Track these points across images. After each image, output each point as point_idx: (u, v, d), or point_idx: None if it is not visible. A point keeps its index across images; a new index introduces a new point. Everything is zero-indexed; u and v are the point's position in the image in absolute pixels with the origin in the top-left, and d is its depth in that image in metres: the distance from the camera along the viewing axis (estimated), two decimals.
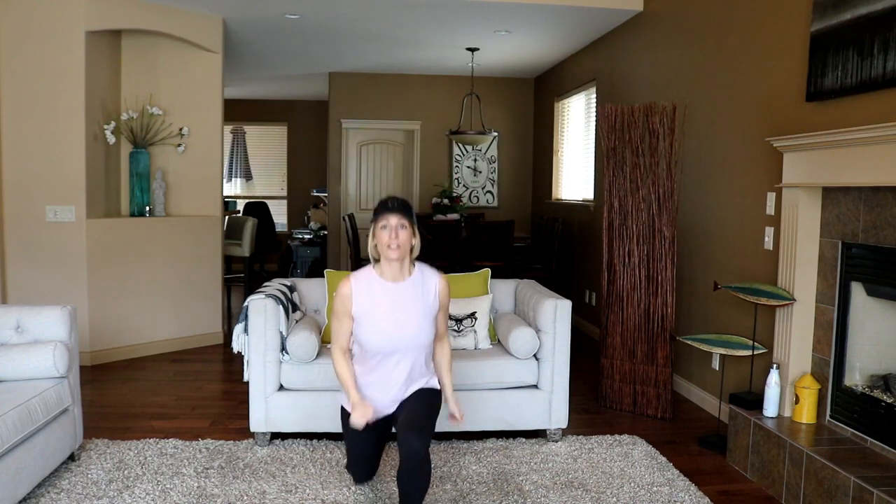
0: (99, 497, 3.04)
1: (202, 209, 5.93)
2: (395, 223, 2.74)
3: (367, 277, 2.86)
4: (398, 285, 2.84)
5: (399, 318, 2.81)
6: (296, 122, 10.94)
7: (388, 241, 2.74)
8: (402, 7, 5.52)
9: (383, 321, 2.80)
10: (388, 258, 2.78)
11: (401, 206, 2.78)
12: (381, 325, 2.81)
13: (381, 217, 2.76)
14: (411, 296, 2.84)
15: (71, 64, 5.02)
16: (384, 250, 2.77)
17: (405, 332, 2.81)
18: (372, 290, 2.83)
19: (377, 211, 2.79)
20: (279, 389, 3.66)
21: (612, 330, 4.46)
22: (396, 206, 2.77)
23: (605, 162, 4.47)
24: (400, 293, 2.83)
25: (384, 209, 2.77)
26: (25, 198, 5.04)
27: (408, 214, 2.78)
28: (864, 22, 3.04)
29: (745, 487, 3.35)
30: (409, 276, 2.86)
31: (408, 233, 2.77)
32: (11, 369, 3.08)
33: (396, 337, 2.81)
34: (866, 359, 3.25)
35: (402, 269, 2.84)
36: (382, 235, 2.76)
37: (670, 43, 5.00)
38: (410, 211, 2.81)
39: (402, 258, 2.80)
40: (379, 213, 2.78)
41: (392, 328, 2.80)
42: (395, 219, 2.74)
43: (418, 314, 2.83)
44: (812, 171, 3.30)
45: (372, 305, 2.82)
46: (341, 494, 3.12)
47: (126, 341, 5.45)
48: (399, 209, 2.76)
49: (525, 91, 8.83)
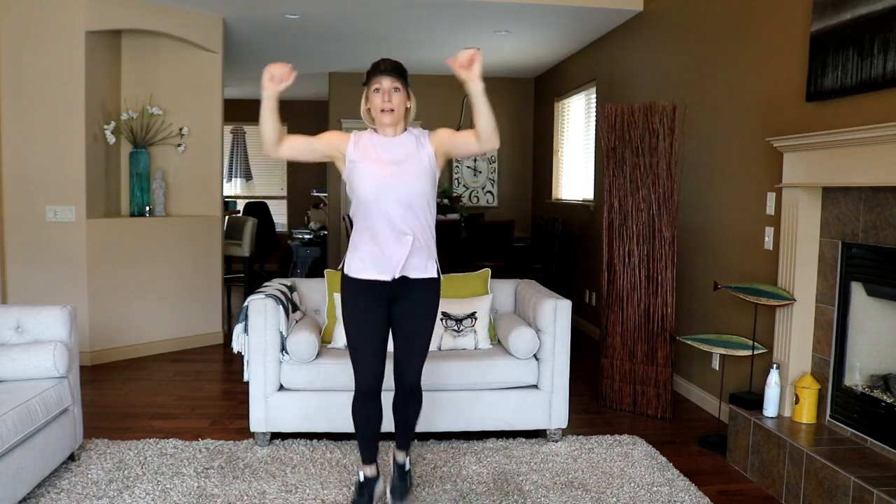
0: (99, 497, 3.04)
1: (202, 209, 5.93)
2: (388, 86, 2.62)
3: (365, 135, 2.75)
4: (393, 138, 2.71)
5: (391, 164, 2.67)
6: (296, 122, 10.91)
7: (381, 104, 2.62)
8: (402, 7, 5.52)
9: (377, 168, 2.66)
10: (381, 123, 2.67)
11: (394, 67, 2.63)
12: (375, 171, 2.66)
13: (374, 80, 2.62)
14: (405, 148, 2.70)
15: (71, 64, 5.03)
16: (377, 115, 2.65)
17: (400, 178, 2.64)
18: (368, 142, 2.72)
19: (369, 73, 2.64)
20: (279, 389, 3.66)
21: (612, 330, 4.46)
22: (389, 68, 2.62)
23: (605, 162, 4.47)
24: (392, 144, 2.71)
25: (376, 71, 2.62)
26: (25, 198, 5.04)
27: (402, 76, 2.64)
28: (864, 22, 3.04)
29: (745, 487, 3.35)
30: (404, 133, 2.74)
31: (402, 95, 2.65)
32: (11, 369, 3.08)
33: (389, 180, 2.64)
34: (866, 359, 3.25)
35: (396, 131, 2.72)
36: (375, 99, 2.63)
37: (670, 43, 5.00)
38: (405, 72, 2.67)
39: (396, 123, 2.68)
40: (371, 76, 2.63)
41: (386, 172, 2.65)
42: (388, 81, 2.61)
43: (413, 164, 2.68)
44: (812, 171, 3.30)
45: (366, 153, 2.69)
46: (341, 494, 3.12)
47: (126, 341, 5.45)
48: (392, 71, 2.62)
49: (525, 91, 8.83)
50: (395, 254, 2.67)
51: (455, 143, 2.73)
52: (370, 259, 2.70)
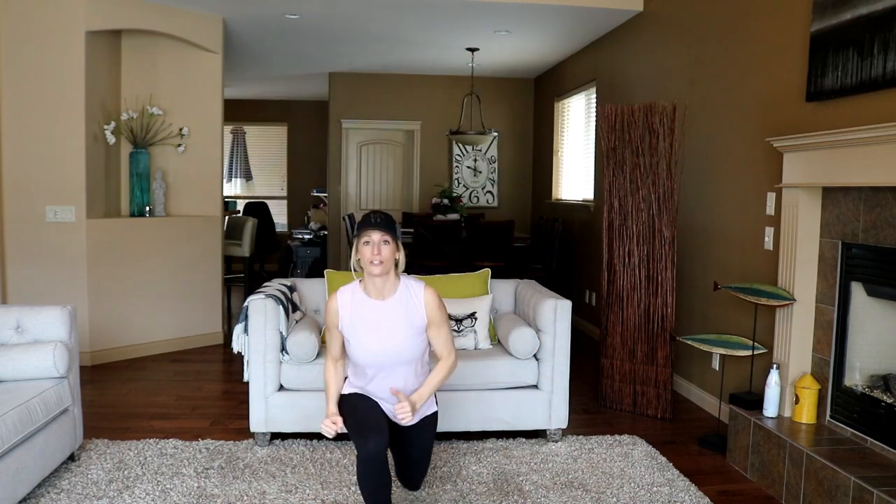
0: (99, 497, 3.04)
1: (202, 209, 5.93)
2: (378, 239, 2.70)
3: (353, 294, 2.83)
4: (382, 304, 2.79)
5: (382, 336, 2.77)
6: (296, 122, 10.95)
7: (370, 257, 2.70)
8: (402, 7, 5.52)
9: (366, 340, 2.78)
10: (371, 274, 2.74)
11: (384, 221, 2.74)
12: (365, 344, 2.78)
13: (364, 233, 2.72)
14: (395, 314, 2.79)
15: (71, 64, 5.03)
16: (367, 266, 2.73)
17: (388, 351, 2.77)
18: (356, 308, 2.80)
19: (360, 226, 2.75)
20: (279, 389, 3.66)
21: (612, 330, 4.46)
22: (379, 222, 2.72)
23: (605, 162, 4.47)
24: (383, 311, 2.79)
25: (367, 225, 2.73)
26: (25, 198, 5.04)
27: (391, 230, 2.73)
28: (864, 22, 3.04)
29: (745, 487, 3.35)
30: (393, 294, 2.81)
31: (391, 248, 2.73)
32: (11, 369, 3.08)
33: (380, 354, 2.78)
34: (866, 359, 3.25)
35: (386, 284, 2.79)
36: (365, 251, 2.72)
37: (670, 43, 5.00)
38: (394, 226, 2.77)
39: (386, 273, 2.76)
40: (362, 229, 2.73)
41: (375, 346, 2.77)
42: (378, 235, 2.70)
43: (402, 332, 2.78)
44: (812, 171, 3.30)
45: (355, 323, 2.79)
46: (341, 494, 3.12)
47: (126, 341, 5.45)
48: (382, 225, 2.72)
49: (525, 91, 8.83)
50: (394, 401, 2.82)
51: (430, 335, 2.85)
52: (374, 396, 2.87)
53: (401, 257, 2.80)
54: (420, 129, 8.76)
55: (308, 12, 5.66)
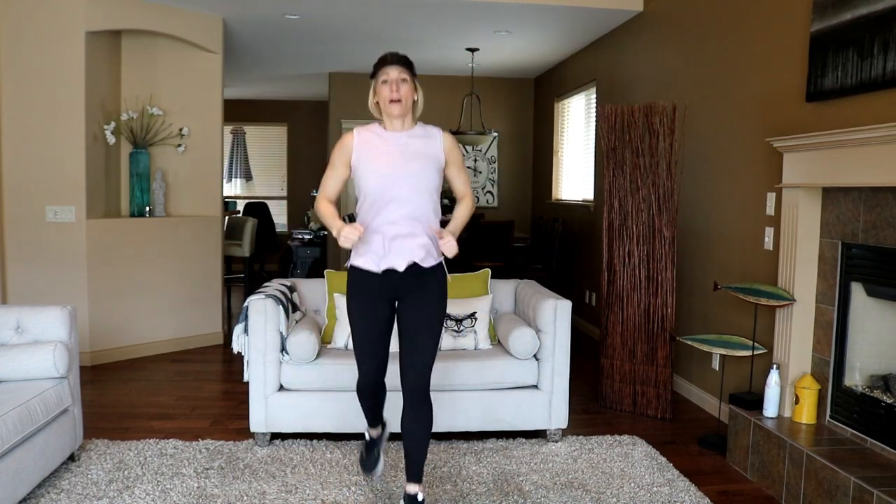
0: (99, 497, 3.04)
1: (202, 209, 5.93)
2: (396, 76, 2.64)
3: (372, 130, 2.77)
4: (401, 133, 2.74)
5: (400, 160, 2.69)
6: (296, 122, 10.94)
7: (389, 94, 2.64)
8: (402, 7, 5.52)
9: (384, 163, 2.69)
10: (389, 114, 2.68)
11: (401, 58, 2.67)
12: (382, 166, 2.68)
13: (381, 71, 2.66)
14: (414, 143, 2.73)
15: (71, 64, 5.03)
16: (385, 105, 2.67)
17: (407, 172, 2.67)
18: (374, 138, 2.74)
19: (376, 66, 2.67)
20: (279, 390, 3.66)
21: (612, 330, 4.46)
22: (397, 59, 2.65)
23: (605, 162, 4.47)
24: (403, 140, 2.73)
25: (383, 63, 2.65)
26: (25, 198, 5.04)
27: (409, 67, 2.67)
28: (864, 22, 3.04)
29: (745, 488, 3.35)
30: (412, 128, 2.77)
31: (409, 86, 2.66)
32: (11, 369, 3.08)
33: (397, 176, 2.66)
34: (866, 359, 3.25)
35: (405, 124, 2.74)
36: (383, 90, 2.65)
37: (670, 43, 5.00)
38: (411, 64, 2.69)
39: (405, 114, 2.70)
40: (378, 68, 2.66)
41: (393, 168, 2.67)
42: (396, 72, 2.64)
43: (421, 158, 2.71)
44: (812, 171, 3.30)
45: (373, 151, 2.71)
46: (341, 494, 3.12)
47: (126, 341, 5.45)
48: (399, 62, 2.65)
49: (525, 91, 8.83)
50: (402, 247, 2.70)
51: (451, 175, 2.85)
52: (378, 250, 2.71)
53: (419, 98, 2.74)
54: None
55: (308, 12, 5.66)
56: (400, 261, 2.70)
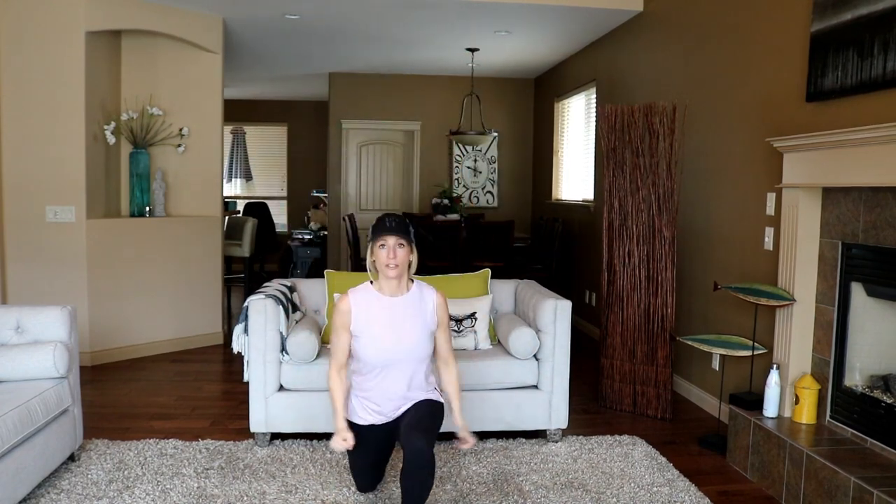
0: (99, 497, 3.04)
1: (202, 209, 5.93)
2: (393, 243, 2.78)
3: (366, 293, 2.91)
4: (396, 300, 2.88)
5: (397, 332, 2.85)
6: (296, 122, 10.95)
7: (386, 260, 2.79)
8: (402, 7, 5.52)
9: (381, 335, 2.84)
10: (386, 276, 2.83)
11: (399, 225, 2.81)
12: (379, 339, 2.84)
13: (379, 237, 2.80)
14: (409, 310, 2.88)
15: (71, 64, 5.03)
16: (382, 269, 2.82)
17: (403, 346, 2.84)
18: (370, 306, 2.88)
19: (375, 230, 2.83)
20: (279, 390, 3.66)
21: (612, 330, 4.46)
22: (394, 226, 2.80)
23: (605, 162, 4.47)
24: (398, 308, 2.88)
25: (382, 229, 2.80)
26: (25, 198, 5.04)
27: (405, 233, 2.81)
28: (864, 22, 3.04)
29: (745, 488, 3.35)
30: (407, 292, 2.91)
31: (406, 251, 2.81)
32: (11, 369, 3.08)
33: (394, 350, 2.84)
34: (866, 359, 3.25)
35: (400, 285, 2.89)
36: (381, 254, 2.80)
37: (670, 43, 5.00)
38: (408, 229, 2.84)
39: (401, 276, 2.85)
40: (377, 233, 2.81)
41: (390, 342, 2.84)
42: (393, 239, 2.78)
43: (416, 328, 2.87)
44: (812, 171, 3.30)
45: (370, 321, 2.85)
46: (341, 495, 3.12)
47: (126, 341, 5.45)
48: (397, 229, 2.79)
49: (525, 91, 8.83)
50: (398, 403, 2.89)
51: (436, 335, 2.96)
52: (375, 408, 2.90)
53: (414, 259, 2.89)
54: (420, 130, 8.76)
55: (308, 12, 5.66)
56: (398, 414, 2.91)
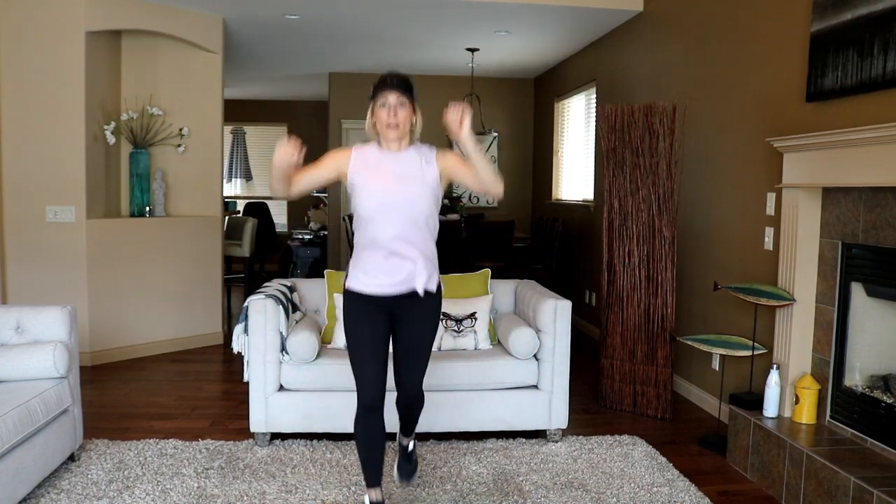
0: (99, 497, 3.04)
1: (202, 209, 5.93)
2: (394, 101, 2.60)
3: (368, 148, 2.74)
4: (397, 154, 2.69)
5: (396, 183, 2.64)
6: (296, 122, 10.94)
7: (386, 119, 2.61)
8: (403, 7, 5.52)
9: (379, 183, 2.64)
10: (386, 138, 2.65)
11: (400, 82, 2.62)
12: (377, 187, 2.64)
13: (380, 95, 2.62)
14: (411, 162, 2.68)
15: (71, 64, 5.03)
16: (383, 129, 2.64)
17: (403, 192, 2.63)
18: (371, 156, 2.70)
19: (376, 88, 2.64)
20: (279, 390, 3.66)
21: (612, 330, 4.46)
22: (395, 83, 2.61)
23: (605, 162, 4.47)
24: (399, 159, 2.68)
25: (383, 86, 2.62)
26: (25, 198, 5.04)
27: (408, 91, 2.63)
28: (864, 22, 3.04)
29: (745, 488, 3.35)
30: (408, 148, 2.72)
31: (407, 111, 2.63)
32: (11, 369, 3.08)
33: (393, 195, 2.63)
34: (866, 359, 3.25)
35: (401, 146, 2.70)
36: (381, 113, 2.63)
37: (670, 43, 5.00)
38: (411, 88, 2.66)
39: (402, 138, 2.66)
40: (378, 91, 2.63)
41: (388, 189, 2.63)
42: (395, 96, 2.60)
43: (417, 179, 2.66)
44: (812, 171, 3.30)
45: (369, 168, 2.68)
46: (341, 494, 3.12)
47: (126, 341, 5.45)
48: (398, 86, 2.61)
49: (525, 91, 8.83)
50: (398, 269, 2.66)
51: (459, 174, 2.70)
52: (373, 274, 2.67)
53: (418, 122, 2.70)
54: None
55: (308, 12, 5.66)
56: (397, 287, 2.67)
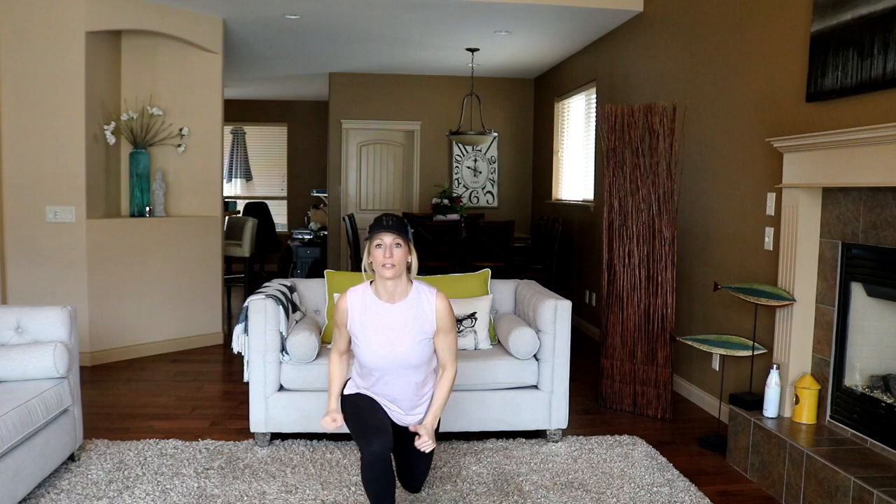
0: (99, 497, 3.04)
1: (202, 209, 5.93)
2: (390, 242, 2.67)
3: (364, 295, 2.80)
4: (392, 306, 2.77)
5: (391, 339, 2.74)
6: (296, 122, 10.94)
7: (382, 260, 2.67)
8: (402, 7, 5.52)
9: (375, 341, 2.75)
10: (382, 277, 2.71)
11: (396, 224, 2.70)
12: (373, 345, 2.75)
13: (376, 236, 2.69)
14: (405, 318, 2.76)
15: (71, 64, 5.03)
16: (379, 269, 2.70)
17: (396, 353, 2.74)
18: (366, 309, 2.78)
19: (372, 229, 2.72)
20: (279, 390, 3.66)
21: (612, 330, 4.46)
22: (391, 225, 2.69)
23: (605, 162, 4.47)
24: (394, 314, 2.76)
25: (379, 227, 2.70)
26: (25, 198, 5.04)
27: (403, 233, 2.70)
28: (864, 22, 3.04)
29: (745, 488, 3.35)
30: (405, 298, 2.78)
31: (403, 251, 2.70)
32: (11, 369, 3.08)
33: (388, 357, 2.75)
34: (866, 359, 3.25)
35: (398, 288, 2.76)
36: (377, 254, 2.69)
37: (670, 43, 5.00)
38: (406, 229, 2.73)
39: (397, 277, 2.73)
40: (374, 232, 2.70)
41: (384, 349, 2.74)
42: (390, 237, 2.67)
43: (411, 337, 2.75)
44: (812, 171, 3.30)
45: (365, 324, 2.76)
46: (341, 494, 3.12)
47: (126, 341, 5.45)
48: (394, 228, 2.68)
49: (525, 91, 8.83)
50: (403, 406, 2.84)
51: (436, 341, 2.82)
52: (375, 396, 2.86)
53: (413, 261, 2.78)
54: (420, 130, 8.76)
55: (308, 12, 5.66)
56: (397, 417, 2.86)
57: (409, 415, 2.85)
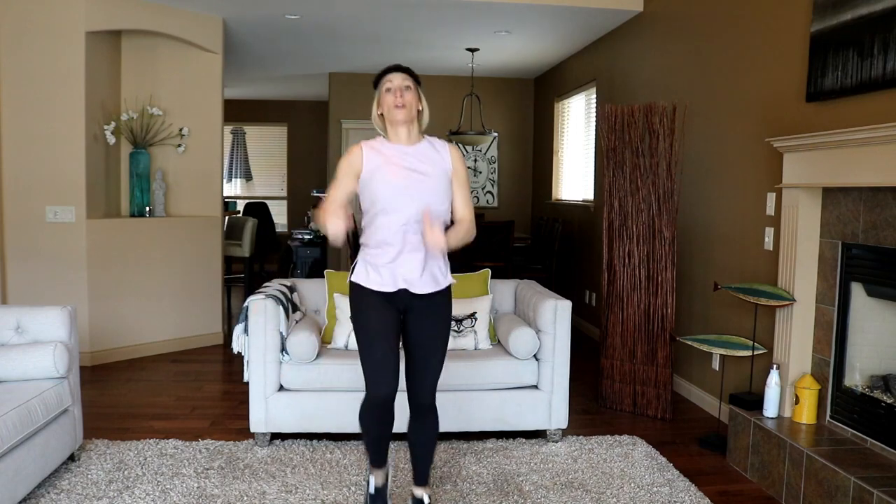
0: (99, 497, 3.04)
1: (202, 209, 5.93)
2: (400, 83, 2.55)
3: (378, 142, 2.64)
4: (408, 148, 2.60)
5: (412, 172, 2.56)
6: (296, 122, 10.95)
7: (393, 101, 2.54)
8: (402, 7, 5.52)
9: (395, 174, 2.55)
10: (394, 121, 2.56)
11: (405, 68, 2.60)
12: (397, 178, 2.54)
13: (384, 79, 2.57)
14: (423, 156, 2.60)
15: (71, 64, 5.03)
16: (390, 112, 2.55)
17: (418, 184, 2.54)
18: (383, 151, 2.60)
19: (379, 76, 2.59)
20: (279, 390, 3.66)
21: (612, 330, 4.46)
22: (400, 67, 2.59)
23: (605, 162, 4.47)
24: (411, 152, 2.60)
25: (387, 72, 2.58)
26: (25, 198, 5.04)
27: (413, 76, 2.60)
28: (864, 22, 3.04)
29: (745, 488, 3.35)
30: (419, 142, 2.64)
31: (413, 94, 2.57)
32: (11, 369, 3.08)
33: (409, 187, 2.53)
34: (866, 359, 3.25)
35: (411, 135, 2.61)
36: (387, 98, 2.56)
37: (670, 43, 5.00)
38: (415, 74, 2.62)
39: (410, 121, 2.58)
40: (382, 76, 2.59)
41: (405, 178, 2.54)
42: (399, 78, 2.56)
43: (433, 171, 2.58)
44: (812, 171, 3.30)
45: (382, 162, 2.56)
46: (341, 494, 3.12)
47: (126, 342, 5.45)
48: (403, 69, 2.59)
49: (525, 91, 8.83)
50: (411, 265, 2.59)
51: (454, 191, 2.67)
52: (385, 269, 2.59)
53: (424, 109, 2.64)
54: None
55: (308, 12, 5.66)
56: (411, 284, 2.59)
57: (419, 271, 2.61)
